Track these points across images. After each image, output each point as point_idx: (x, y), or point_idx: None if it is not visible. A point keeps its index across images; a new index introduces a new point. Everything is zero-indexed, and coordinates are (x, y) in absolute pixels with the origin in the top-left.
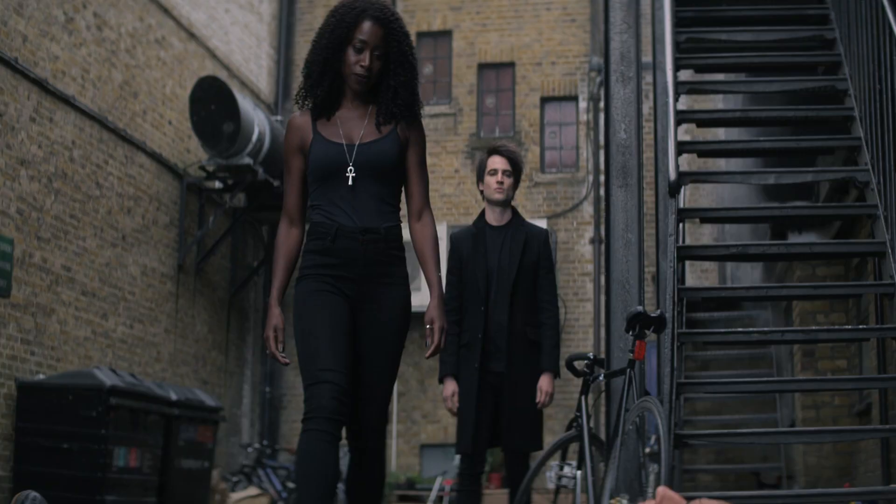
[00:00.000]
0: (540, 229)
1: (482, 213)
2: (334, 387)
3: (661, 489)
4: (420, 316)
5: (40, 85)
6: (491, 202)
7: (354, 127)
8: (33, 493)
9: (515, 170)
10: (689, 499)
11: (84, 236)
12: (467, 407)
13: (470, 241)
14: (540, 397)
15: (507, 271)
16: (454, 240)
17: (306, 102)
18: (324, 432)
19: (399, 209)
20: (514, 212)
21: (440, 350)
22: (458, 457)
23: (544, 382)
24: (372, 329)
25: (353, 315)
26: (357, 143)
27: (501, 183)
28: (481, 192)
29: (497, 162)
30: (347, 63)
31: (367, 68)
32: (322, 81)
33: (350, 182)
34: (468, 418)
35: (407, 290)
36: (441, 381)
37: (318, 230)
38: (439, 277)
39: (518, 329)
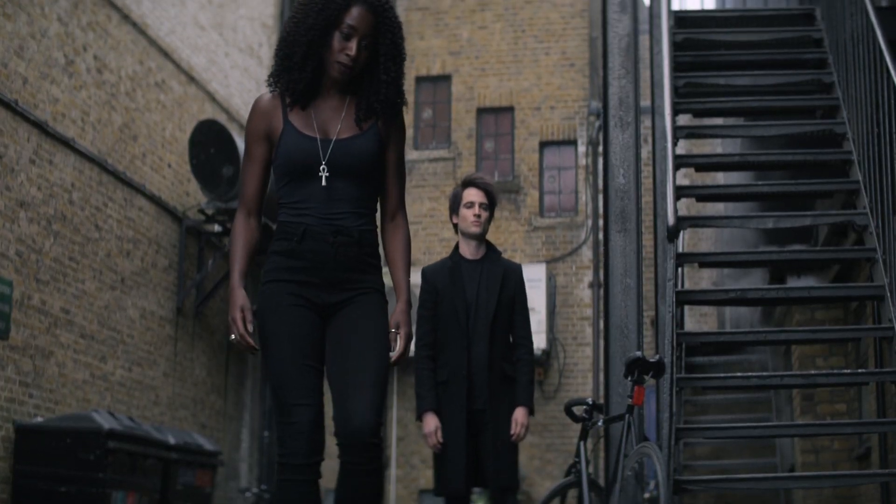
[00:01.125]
0: (515, 264)
1: (456, 247)
2: (306, 425)
3: None
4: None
5: (40, 127)
6: (466, 235)
7: (330, 120)
8: None
9: (491, 202)
10: None
11: (83, 279)
12: (455, 446)
13: (446, 275)
14: (515, 429)
15: (486, 305)
16: (428, 273)
17: (279, 86)
18: (301, 482)
19: (375, 213)
20: (489, 245)
21: (402, 358)
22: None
23: (520, 415)
24: (346, 327)
25: (322, 324)
26: (333, 138)
27: (479, 216)
28: (454, 224)
29: (473, 194)
30: (332, 49)
31: (354, 58)
32: (305, 66)
33: (323, 182)
34: (457, 458)
35: (383, 298)
36: (419, 417)
37: (284, 230)
38: (408, 283)
39: (496, 365)
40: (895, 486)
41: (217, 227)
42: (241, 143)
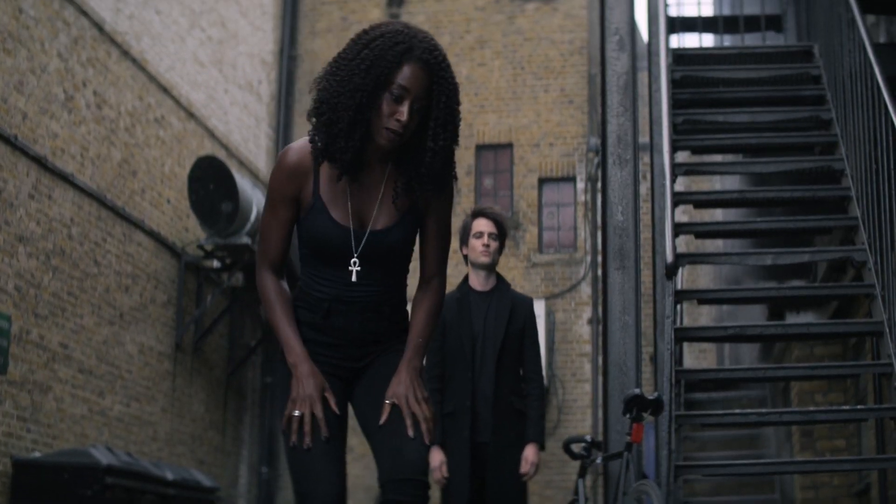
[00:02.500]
0: (525, 297)
1: (465, 278)
2: (329, 497)
3: None
4: None
5: (39, 162)
6: (476, 266)
7: (367, 201)
8: None
9: (501, 233)
10: None
11: (82, 314)
12: (459, 479)
13: (454, 306)
14: (525, 467)
15: (493, 337)
16: None
17: (325, 157)
18: None
19: (406, 283)
20: (499, 277)
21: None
22: None
23: (529, 453)
24: (378, 383)
25: (345, 388)
26: (368, 229)
27: (487, 246)
28: (465, 256)
29: (483, 224)
30: (380, 113)
31: (405, 124)
32: (352, 134)
33: (353, 275)
34: (461, 492)
35: None
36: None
37: (307, 300)
38: (421, 347)
39: (503, 397)
40: None
41: (216, 263)
42: (240, 179)
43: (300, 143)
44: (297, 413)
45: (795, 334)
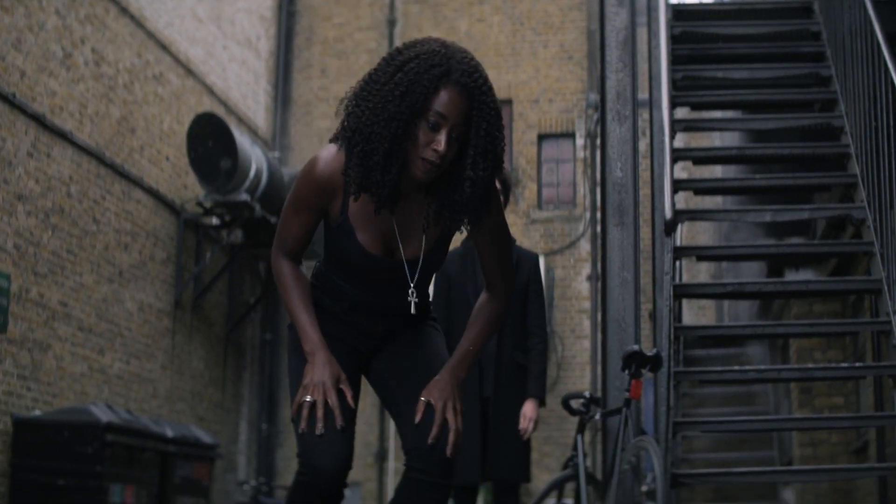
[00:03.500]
0: (531, 253)
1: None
2: (330, 472)
3: None
4: None
5: (38, 120)
6: None
7: (401, 230)
8: None
9: (504, 190)
10: None
11: (81, 272)
12: (469, 435)
13: (458, 262)
14: (523, 423)
15: None
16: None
17: (362, 191)
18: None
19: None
20: None
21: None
22: None
23: (528, 409)
24: (402, 349)
25: (360, 362)
26: (405, 258)
27: None
28: None
29: None
30: (416, 142)
31: (443, 155)
32: (389, 167)
33: (411, 301)
34: (471, 447)
35: (435, 328)
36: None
37: (328, 288)
38: (469, 352)
39: (506, 353)
40: (893, 479)
41: (215, 220)
42: (239, 136)
43: (331, 154)
44: (308, 398)
45: (794, 291)
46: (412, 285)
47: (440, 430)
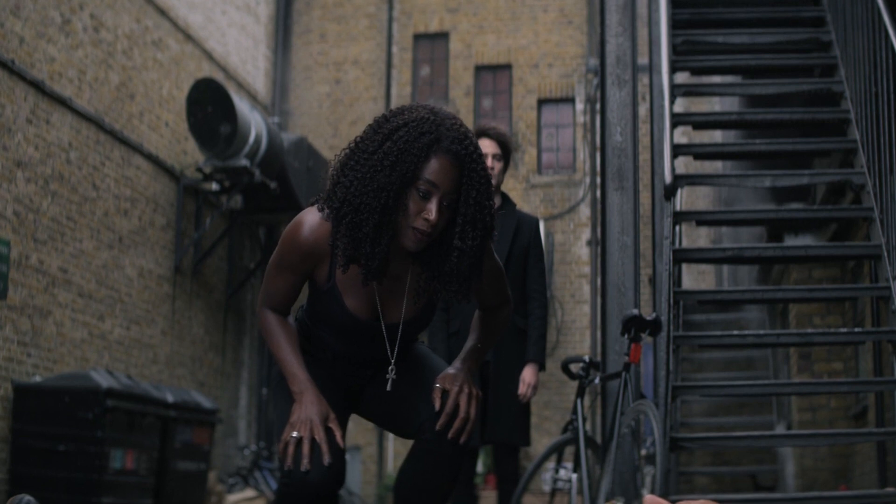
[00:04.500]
0: (531, 217)
1: None
2: (318, 482)
3: (649, 497)
4: None
5: (37, 87)
6: None
7: (386, 294)
8: (27, 497)
9: (505, 153)
10: (676, 501)
11: (81, 238)
12: None
13: None
14: (522, 388)
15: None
16: None
17: (352, 263)
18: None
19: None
20: (505, 197)
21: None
22: None
23: (528, 374)
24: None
25: (350, 393)
26: (393, 323)
27: (492, 168)
28: None
29: (486, 145)
30: (406, 211)
31: (434, 224)
32: (379, 239)
33: (388, 378)
34: None
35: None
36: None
37: (312, 337)
38: (478, 349)
39: None
40: (891, 444)
41: (215, 186)
42: (238, 102)
43: (315, 221)
44: (294, 434)
45: (794, 256)
46: (392, 361)
47: (449, 419)
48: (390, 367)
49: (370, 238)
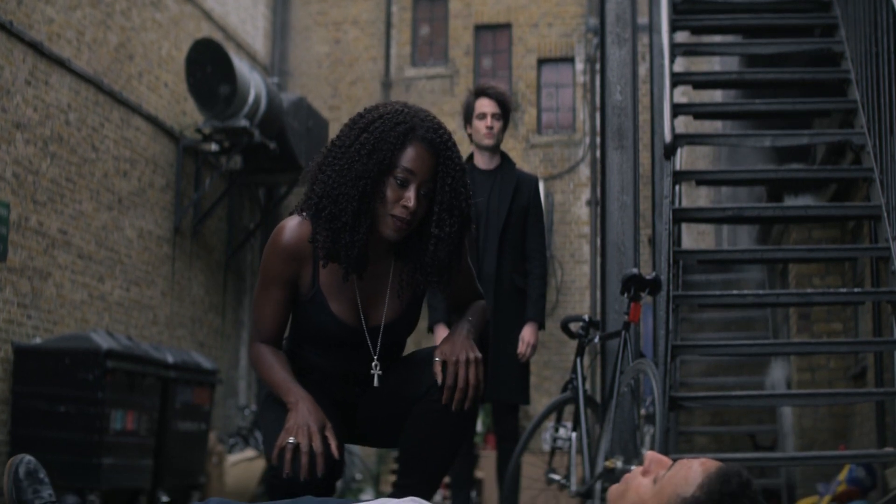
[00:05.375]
0: (531, 175)
1: (470, 156)
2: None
3: (650, 452)
4: None
5: (35, 48)
6: (480, 147)
7: (370, 294)
8: (27, 457)
9: (505, 112)
10: (675, 460)
11: (80, 199)
12: None
13: None
14: (521, 347)
15: (496, 215)
16: None
17: (331, 259)
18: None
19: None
20: (504, 156)
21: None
22: None
23: (527, 333)
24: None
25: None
26: (380, 323)
27: (491, 128)
28: (469, 135)
29: (485, 105)
30: (384, 200)
31: (413, 210)
32: (358, 227)
33: (374, 374)
34: None
35: None
36: (431, 329)
37: (302, 364)
38: (471, 322)
39: (505, 276)
40: (890, 404)
41: (214, 146)
42: (237, 62)
43: (295, 222)
44: (291, 440)
45: (793, 216)
46: (375, 357)
47: (452, 391)
48: (374, 363)
49: (349, 227)
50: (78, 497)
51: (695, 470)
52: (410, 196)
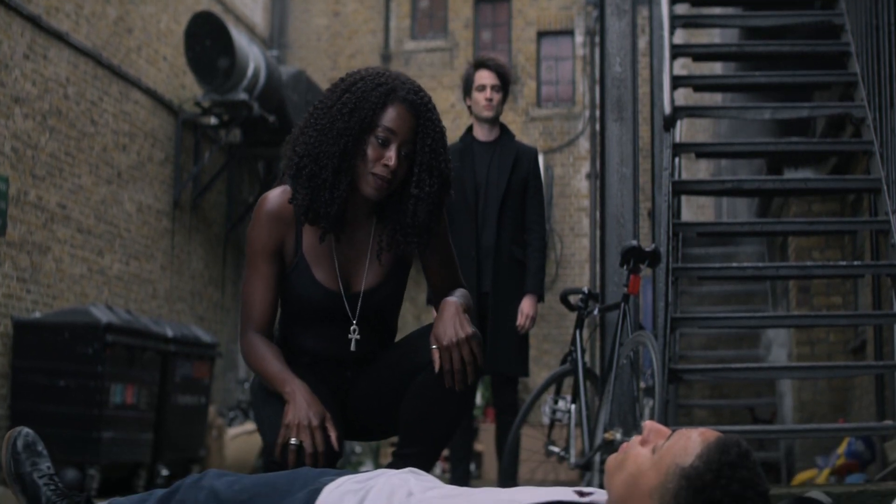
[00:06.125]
0: (530, 147)
1: (470, 128)
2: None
3: (648, 422)
4: None
5: (34, 22)
6: (480, 119)
7: (353, 259)
8: (25, 430)
9: (504, 84)
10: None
11: (79, 174)
12: None
13: (456, 157)
14: (521, 320)
15: (495, 187)
16: None
17: (309, 216)
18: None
19: (396, 329)
20: (503, 128)
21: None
22: None
23: (526, 305)
24: (374, 368)
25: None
26: (361, 290)
27: (490, 100)
28: (469, 107)
29: (485, 77)
30: (365, 159)
31: (393, 169)
32: (338, 184)
33: (351, 338)
34: None
35: None
36: (430, 302)
37: (293, 348)
38: (458, 294)
39: (505, 248)
40: (889, 377)
41: (213, 120)
42: (236, 35)
43: (278, 190)
44: (293, 441)
45: (793, 189)
46: (354, 321)
47: (451, 375)
48: (353, 327)
49: (329, 184)
50: (78, 471)
51: (694, 440)
52: (391, 155)
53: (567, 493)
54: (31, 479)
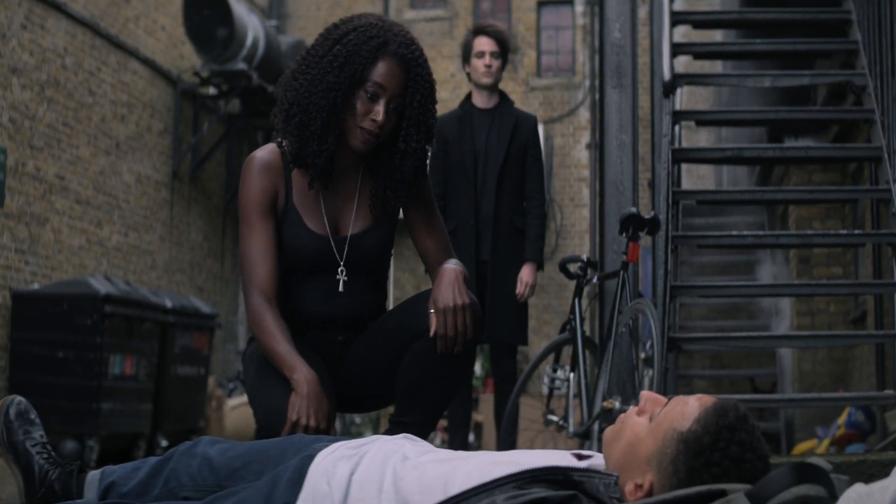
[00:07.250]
0: (529, 115)
1: (468, 96)
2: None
3: (645, 392)
4: None
5: None
6: (479, 86)
7: (341, 208)
8: (18, 398)
9: (503, 51)
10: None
11: (77, 144)
12: None
13: (455, 124)
14: (520, 288)
15: (494, 154)
16: (438, 123)
17: (297, 163)
18: None
19: (387, 292)
20: (503, 95)
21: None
22: None
23: (525, 273)
24: (365, 337)
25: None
26: (348, 234)
27: (490, 66)
28: (468, 74)
29: (484, 43)
30: (354, 113)
31: (381, 124)
32: (326, 136)
33: (339, 279)
34: None
35: None
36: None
37: (283, 310)
38: (459, 262)
39: (504, 216)
40: (890, 347)
41: (212, 90)
42: (235, 4)
43: (267, 145)
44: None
45: (794, 157)
46: (341, 263)
47: (443, 340)
48: (340, 269)
49: (317, 135)
50: (77, 442)
51: (691, 405)
52: (380, 110)
53: (565, 455)
54: (24, 447)
